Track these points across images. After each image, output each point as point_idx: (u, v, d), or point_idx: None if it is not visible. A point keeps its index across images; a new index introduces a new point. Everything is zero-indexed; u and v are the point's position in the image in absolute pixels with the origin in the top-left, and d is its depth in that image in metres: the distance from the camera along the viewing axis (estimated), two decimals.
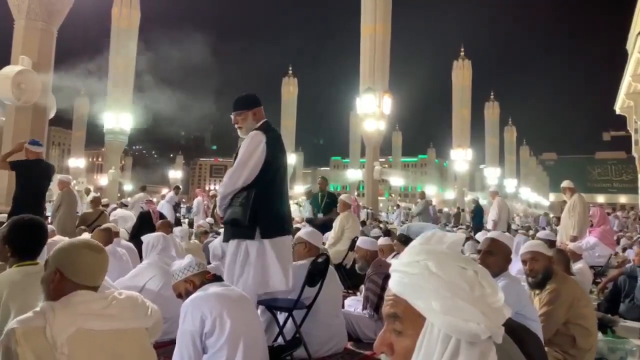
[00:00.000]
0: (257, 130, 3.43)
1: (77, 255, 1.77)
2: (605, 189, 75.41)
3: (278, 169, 3.46)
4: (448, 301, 1.00)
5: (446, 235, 1.12)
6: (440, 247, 1.09)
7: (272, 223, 3.35)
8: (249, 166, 3.32)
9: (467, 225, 16.89)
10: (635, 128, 26.17)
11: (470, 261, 1.06)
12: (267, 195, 3.36)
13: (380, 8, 19.81)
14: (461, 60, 34.84)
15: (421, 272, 1.04)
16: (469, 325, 0.99)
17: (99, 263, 1.81)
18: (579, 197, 8.20)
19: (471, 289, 1.01)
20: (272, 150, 3.38)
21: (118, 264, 4.43)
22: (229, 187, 3.38)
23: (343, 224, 7.40)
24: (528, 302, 3.06)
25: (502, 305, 1.03)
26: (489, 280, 1.03)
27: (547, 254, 3.34)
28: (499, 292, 1.02)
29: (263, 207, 3.31)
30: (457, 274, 1.02)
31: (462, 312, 0.99)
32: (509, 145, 51.87)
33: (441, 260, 1.05)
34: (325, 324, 3.69)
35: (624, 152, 60.30)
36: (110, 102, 23.20)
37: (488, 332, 1.00)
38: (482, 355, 1.01)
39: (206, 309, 2.52)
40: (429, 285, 1.02)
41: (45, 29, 9.05)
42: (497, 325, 1.01)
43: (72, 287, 1.72)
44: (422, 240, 1.12)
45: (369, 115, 19.59)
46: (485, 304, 1.00)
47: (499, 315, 1.02)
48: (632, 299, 5.22)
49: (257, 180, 3.34)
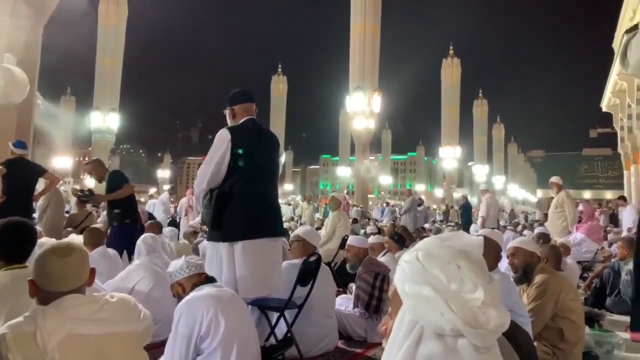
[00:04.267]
0: (226, 128, 3.29)
1: (44, 263, 1.73)
2: (591, 185, 76.46)
3: (248, 168, 3.22)
4: (418, 287, 1.05)
5: (466, 236, 1.15)
6: (449, 243, 1.10)
7: (237, 226, 3.14)
8: (211, 167, 3.19)
9: (455, 222, 17.01)
10: (621, 125, 26.52)
11: (461, 256, 1.07)
12: (233, 197, 3.16)
13: (369, 7, 19.84)
14: (450, 59, 35.04)
15: (411, 260, 1.10)
16: (433, 314, 1.02)
17: (67, 268, 1.73)
18: (566, 193, 8.33)
19: (448, 282, 1.03)
20: (239, 148, 3.18)
21: (108, 265, 4.39)
22: (197, 189, 3.34)
23: (335, 222, 7.42)
24: (517, 297, 3.11)
25: (485, 307, 1.02)
26: (475, 278, 1.04)
27: (528, 250, 3.39)
28: (479, 291, 1.02)
29: (227, 209, 3.14)
30: (439, 265, 1.05)
31: (430, 301, 1.03)
32: (497, 143, 52.31)
33: (430, 251, 1.08)
34: (318, 324, 3.69)
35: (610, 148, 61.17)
36: (97, 100, 22.97)
37: (451, 325, 1.01)
38: (448, 350, 1.02)
39: (200, 311, 2.51)
40: (411, 272, 1.08)
41: (31, 27, 8.91)
42: (470, 324, 1.01)
43: (48, 295, 1.70)
44: (442, 236, 1.15)
45: (358, 113, 19.63)
46: (458, 299, 1.02)
47: (477, 315, 1.02)
48: (618, 293, 5.30)
49: (223, 180, 3.20)
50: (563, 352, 3.12)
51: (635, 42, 1.18)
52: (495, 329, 1.03)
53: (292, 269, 3.57)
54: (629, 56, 1.23)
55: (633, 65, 1.21)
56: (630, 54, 1.22)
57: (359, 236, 5.50)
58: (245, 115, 3.38)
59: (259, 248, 3.21)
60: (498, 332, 1.04)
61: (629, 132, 24.00)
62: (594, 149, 74.40)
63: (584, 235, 7.88)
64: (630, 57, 1.22)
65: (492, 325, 1.02)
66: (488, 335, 1.03)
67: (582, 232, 7.93)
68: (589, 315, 4.16)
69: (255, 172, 3.27)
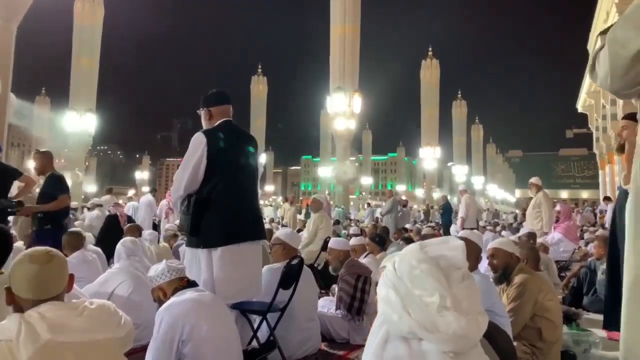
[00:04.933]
0: (202, 131, 3.23)
1: (22, 271, 1.69)
2: (568, 184, 78.01)
3: (226, 172, 3.17)
4: (386, 290, 1.10)
5: (451, 241, 1.17)
6: (427, 248, 1.13)
7: (215, 231, 3.09)
8: (187, 172, 3.12)
9: (436, 223, 17.17)
10: (596, 125, 27.15)
11: (427, 262, 1.08)
12: (212, 202, 3.11)
13: (349, 8, 19.90)
14: (429, 60, 35.33)
15: (390, 264, 1.15)
16: (392, 316, 1.06)
17: (45, 275, 1.70)
18: (544, 194, 8.49)
19: (413, 286, 1.06)
20: (215, 152, 3.12)
21: (88, 270, 4.31)
22: (174, 195, 3.28)
23: (317, 224, 7.41)
24: (497, 298, 3.15)
25: (443, 311, 1.03)
26: (433, 283, 1.05)
27: (508, 250, 3.45)
28: (435, 295, 1.03)
29: (205, 215, 3.09)
30: (406, 270, 1.09)
31: (391, 303, 1.08)
32: (476, 143, 52.94)
33: (403, 256, 1.12)
34: (301, 329, 3.68)
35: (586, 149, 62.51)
36: (73, 100, 22.53)
37: (407, 328, 1.03)
38: (414, 353, 1.03)
39: (182, 315, 2.48)
40: (385, 276, 1.12)
41: (4, 27, 8.73)
42: (427, 328, 1.02)
43: (25, 302, 1.67)
44: (425, 242, 1.18)
45: (339, 114, 19.66)
46: (418, 303, 1.04)
47: (435, 319, 1.02)
48: (595, 292, 5.40)
49: (200, 186, 3.13)
50: (542, 351, 3.18)
51: (602, 55, 1.21)
52: (455, 334, 1.02)
53: (273, 273, 3.55)
54: (597, 68, 1.26)
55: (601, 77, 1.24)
56: (598, 67, 1.25)
57: (339, 238, 5.50)
58: (222, 117, 3.32)
59: (238, 253, 3.16)
60: (465, 338, 1.03)
61: (604, 132, 24.59)
62: (571, 149, 75.95)
63: (562, 235, 8.04)
64: (599, 70, 1.25)
65: (451, 330, 1.01)
66: (449, 340, 1.03)
67: (560, 232, 8.09)
68: (566, 314, 4.23)
69: (233, 176, 3.21)
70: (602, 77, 1.26)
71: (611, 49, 1.20)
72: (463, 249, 1.12)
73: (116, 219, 7.50)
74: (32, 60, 24.48)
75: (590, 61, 1.33)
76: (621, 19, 1.22)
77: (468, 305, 1.04)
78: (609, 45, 1.21)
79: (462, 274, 1.08)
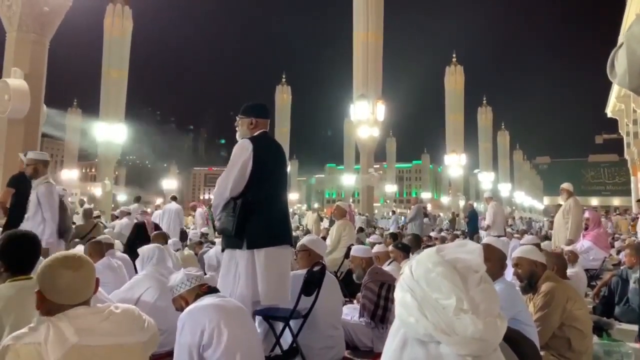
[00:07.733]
0: (247, 138, 3.41)
1: (53, 276, 1.72)
2: (598, 191, 75.85)
3: (269, 178, 3.38)
4: (402, 294, 1.09)
5: (469, 244, 1.16)
6: (444, 252, 1.12)
7: (260, 234, 3.25)
8: (234, 175, 3.28)
9: (462, 231, 16.93)
10: (627, 131, 26.40)
11: (443, 265, 1.07)
12: (256, 205, 3.26)
13: (372, 15, 19.94)
14: (453, 66, 35.00)
15: (407, 268, 1.15)
16: (409, 319, 1.06)
17: (78, 280, 1.74)
18: (575, 200, 8.23)
19: (430, 289, 1.05)
20: (260, 158, 3.31)
21: (113, 276, 4.41)
22: (217, 198, 3.38)
23: (340, 231, 7.40)
24: (523, 307, 3.07)
25: (460, 313, 1.02)
26: (448, 285, 1.05)
27: (532, 259, 3.38)
28: (452, 298, 1.03)
29: (250, 217, 3.24)
30: (422, 273, 1.08)
31: (407, 306, 1.07)
32: (502, 150, 52.03)
33: (419, 260, 1.11)
34: (324, 336, 3.67)
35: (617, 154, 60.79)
36: (104, 112, 23.14)
37: (424, 331, 1.02)
38: (431, 357, 1.02)
39: (203, 320, 2.51)
40: (403, 280, 1.13)
41: (37, 41, 9.04)
42: (444, 330, 1.01)
43: (56, 307, 1.70)
44: (442, 245, 1.18)
45: (362, 122, 19.66)
46: (435, 306, 1.03)
47: (452, 322, 1.02)
48: (627, 302, 5.24)
49: (245, 189, 3.29)
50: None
51: (621, 53, 1.19)
52: (472, 337, 1.01)
53: (296, 280, 3.56)
54: (616, 66, 1.23)
55: (620, 75, 1.21)
56: (617, 65, 1.23)
57: (362, 246, 5.48)
58: (262, 128, 3.54)
59: (278, 256, 3.34)
60: (482, 341, 1.02)
61: (635, 137, 23.88)
62: (600, 155, 73.91)
63: (591, 243, 7.82)
64: (617, 68, 1.22)
65: (468, 332, 1.00)
66: (466, 343, 1.01)
67: (589, 240, 7.87)
68: (597, 324, 4.12)
69: (274, 182, 3.44)
70: (620, 75, 1.24)
71: (629, 46, 1.18)
72: (480, 253, 1.11)
73: (144, 226, 7.64)
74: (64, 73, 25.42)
75: (610, 60, 1.31)
76: (639, 15, 1.20)
77: (486, 308, 1.03)
78: (626, 43, 1.19)
79: (480, 277, 1.07)
